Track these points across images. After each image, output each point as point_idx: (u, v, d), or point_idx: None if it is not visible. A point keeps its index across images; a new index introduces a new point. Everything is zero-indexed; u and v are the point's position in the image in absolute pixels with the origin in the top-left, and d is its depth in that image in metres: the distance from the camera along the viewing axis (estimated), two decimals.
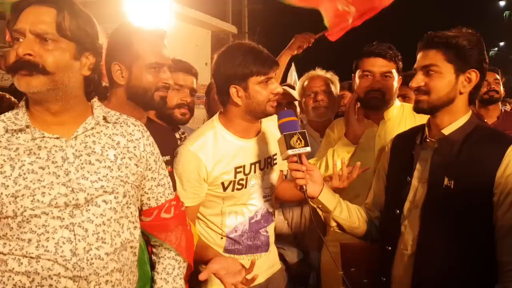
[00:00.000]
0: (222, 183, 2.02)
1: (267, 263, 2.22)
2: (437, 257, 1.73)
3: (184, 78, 2.34)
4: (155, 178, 1.68)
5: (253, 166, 2.08)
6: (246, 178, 2.06)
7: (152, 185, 1.67)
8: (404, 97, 3.03)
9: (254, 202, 2.12)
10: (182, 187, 1.99)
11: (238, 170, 2.04)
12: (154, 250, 1.75)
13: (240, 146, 2.05)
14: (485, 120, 3.92)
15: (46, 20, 1.39)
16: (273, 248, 2.28)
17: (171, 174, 2.05)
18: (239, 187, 2.05)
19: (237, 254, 2.11)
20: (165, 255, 1.73)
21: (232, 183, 2.03)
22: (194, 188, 2.00)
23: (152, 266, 1.76)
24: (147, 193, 1.67)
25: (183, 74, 2.34)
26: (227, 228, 2.09)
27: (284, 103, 3.27)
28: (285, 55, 3.08)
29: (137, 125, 1.64)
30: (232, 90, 1.98)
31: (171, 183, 1.76)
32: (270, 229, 2.20)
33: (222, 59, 2.01)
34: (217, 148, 2.01)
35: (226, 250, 2.12)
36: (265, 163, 2.12)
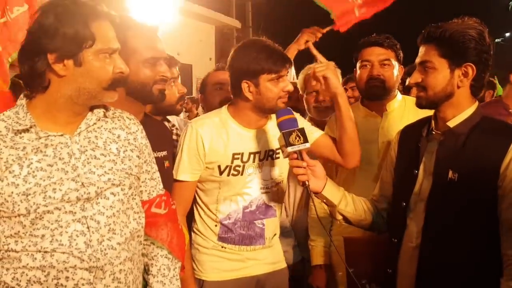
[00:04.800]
0: (219, 167, 2.09)
1: (269, 258, 2.24)
2: (440, 250, 1.73)
3: (172, 71, 2.32)
4: (149, 171, 1.71)
5: (252, 156, 2.13)
6: (243, 166, 2.12)
7: (146, 178, 1.70)
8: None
9: (249, 192, 2.15)
10: (181, 161, 2.09)
11: (236, 156, 2.10)
12: (144, 250, 1.72)
13: (241, 135, 2.13)
14: None
15: None
16: (277, 246, 2.30)
17: (169, 170, 2.08)
18: (235, 173, 2.11)
19: (230, 243, 2.15)
20: (158, 253, 1.73)
21: (228, 167, 2.10)
22: (192, 163, 2.09)
23: (145, 269, 1.75)
24: (141, 186, 1.69)
25: (172, 67, 2.33)
26: (221, 214, 2.15)
27: (294, 97, 3.26)
28: (292, 50, 3.05)
29: (132, 118, 1.68)
30: (244, 85, 2.05)
31: (160, 179, 1.78)
32: (268, 223, 2.21)
33: (236, 54, 2.10)
34: (218, 131, 2.11)
35: (220, 238, 2.16)
36: (266, 155, 2.16)
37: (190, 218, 2.23)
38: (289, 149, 1.79)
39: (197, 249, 2.20)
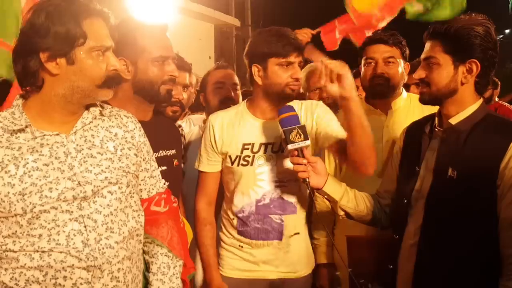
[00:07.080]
0: (230, 157, 2.11)
1: (285, 265, 2.16)
2: (438, 248, 1.72)
3: (184, 76, 2.31)
4: (148, 169, 1.70)
5: (263, 146, 2.10)
6: (253, 156, 2.10)
7: (145, 176, 1.69)
8: (417, 86, 2.97)
9: (261, 184, 2.11)
10: (200, 152, 2.18)
11: (246, 146, 2.11)
12: (145, 248, 1.73)
13: (254, 125, 2.12)
14: None
15: None
16: (298, 251, 2.19)
17: (178, 168, 2.07)
18: (244, 163, 2.10)
19: (247, 237, 2.14)
20: (157, 251, 1.73)
21: (237, 158, 2.11)
22: (208, 154, 2.15)
23: (146, 267, 1.75)
24: (140, 184, 1.69)
25: (185, 72, 2.31)
26: (235, 207, 2.15)
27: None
28: None
29: (129, 116, 1.67)
30: (254, 69, 2.08)
31: (161, 176, 1.78)
32: (288, 220, 2.13)
33: (251, 40, 2.14)
34: (231, 122, 2.14)
35: (239, 232, 2.17)
36: (280, 146, 2.10)
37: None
38: (289, 146, 1.80)
39: (219, 242, 2.23)
